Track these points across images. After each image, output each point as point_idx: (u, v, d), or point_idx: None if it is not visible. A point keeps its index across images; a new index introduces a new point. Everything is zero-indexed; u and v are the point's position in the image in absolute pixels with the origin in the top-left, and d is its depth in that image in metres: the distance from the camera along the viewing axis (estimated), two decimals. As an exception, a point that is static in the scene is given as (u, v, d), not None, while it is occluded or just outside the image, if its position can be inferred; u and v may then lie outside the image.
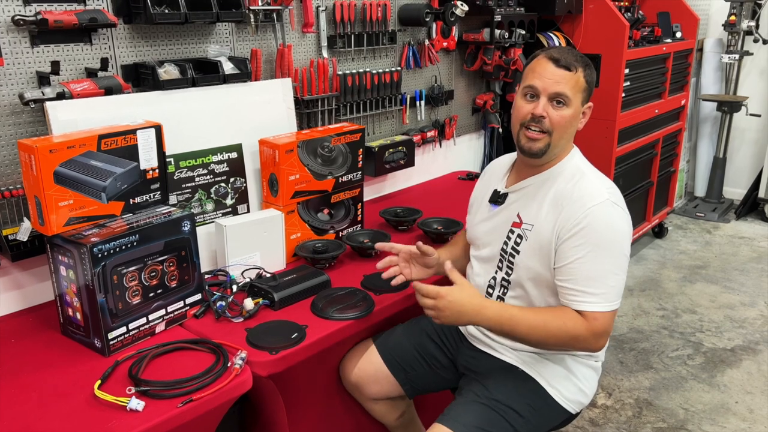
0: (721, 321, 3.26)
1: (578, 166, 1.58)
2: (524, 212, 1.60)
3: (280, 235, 1.99)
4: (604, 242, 1.46)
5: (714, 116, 4.94)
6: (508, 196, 1.66)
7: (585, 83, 1.52)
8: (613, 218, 1.48)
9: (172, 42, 1.97)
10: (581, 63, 1.52)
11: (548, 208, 1.54)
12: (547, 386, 1.61)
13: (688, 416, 2.51)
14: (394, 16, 2.66)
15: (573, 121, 1.54)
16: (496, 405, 1.56)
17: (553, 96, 1.50)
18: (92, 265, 1.43)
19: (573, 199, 1.49)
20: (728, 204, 4.94)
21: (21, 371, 1.45)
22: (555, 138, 1.53)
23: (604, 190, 1.51)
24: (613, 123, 3.36)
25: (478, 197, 1.80)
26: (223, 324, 1.66)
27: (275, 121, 2.14)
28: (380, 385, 1.79)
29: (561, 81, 1.49)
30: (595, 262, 1.45)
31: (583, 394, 1.65)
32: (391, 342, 1.82)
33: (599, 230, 1.45)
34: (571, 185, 1.53)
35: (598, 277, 1.45)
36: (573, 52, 1.53)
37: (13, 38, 1.64)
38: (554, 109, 1.51)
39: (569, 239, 1.47)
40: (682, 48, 3.92)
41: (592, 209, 1.46)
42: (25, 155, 1.46)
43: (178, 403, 1.32)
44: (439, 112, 3.02)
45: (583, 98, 1.54)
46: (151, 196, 1.69)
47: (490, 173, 1.81)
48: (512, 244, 1.60)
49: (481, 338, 1.70)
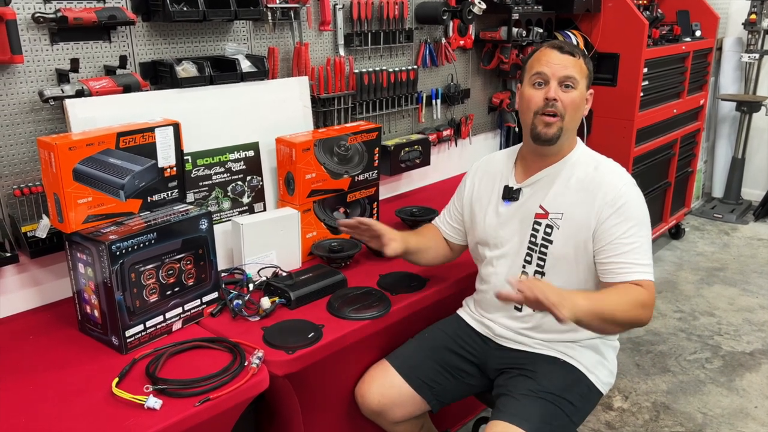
0: (740, 324, 3.21)
1: (590, 154, 1.68)
2: (546, 203, 1.63)
3: (296, 233, 1.98)
4: (640, 217, 1.55)
5: (732, 116, 4.87)
6: (522, 191, 1.66)
7: (587, 69, 1.61)
8: (641, 196, 1.59)
9: (190, 40, 1.96)
10: (580, 52, 1.62)
11: (576, 195, 1.59)
12: (588, 373, 1.65)
13: (707, 420, 2.48)
14: (411, 14, 2.64)
15: (581, 105, 1.60)
16: (552, 397, 1.57)
17: (563, 79, 1.56)
18: (110, 262, 1.43)
19: (603, 182, 1.57)
20: (746, 205, 4.88)
21: (39, 368, 1.46)
22: (567, 121, 1.58)
23: (624, 173, 1.62)
24: (631, 123, 3.32)
25: (478, 197, 1.77)
26: (240, 323, 1.65)
27: (292, 120, 2.13)
28: (405, 408, 1.73)
29: (568, 65, 1.57)
30: (638, 235, 1.53)
31: (611, 375, 1.73)
32: (409, 360, 1.75)
33: (635, 206, 1.55)
34: (593, 171, 1.61)
35: (640, 249, 1.53)
36: (568, 43, 1.66)
37: (33, 36, 1.64)
38: (564, 92, 1.57)
39: (609, 218, 1.54)
40: (701, 47, 3.87)
41: (624, 188, 1.56)
42: (44, 152, 1.46)
43: (195, 402, 1.31)
44: (455, 111, 3.00)
45: (587, 84, 1.61)
46: (168, 194, 1.69)
47: (487, 172, 1.78)
48: (542, 235, 1.62)
49: (511, 336, 1.70)
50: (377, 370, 1.76)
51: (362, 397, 1.75)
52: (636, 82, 3.25)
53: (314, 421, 1.77)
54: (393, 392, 1.72)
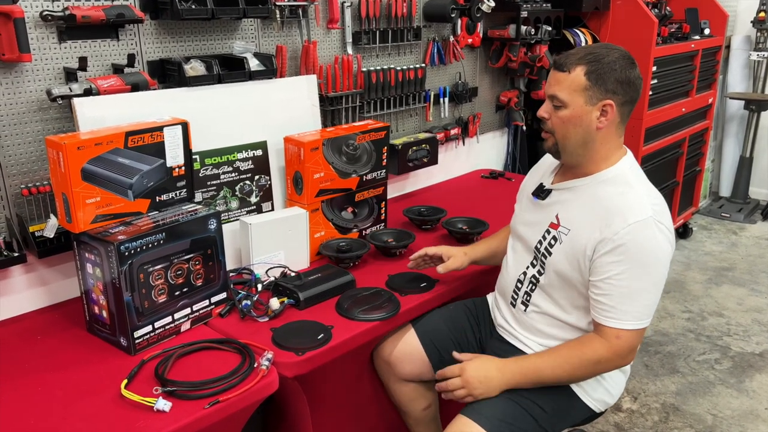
0: (749, 324, 3.19)
1: (626, 176, 1.52)
2: (563, 214, 1.58)
3: (305, 233, 1.97)
4: (644, 261, 1.43)
5: (741, 115, 4.84)
6: (551, 193, 1.64)
7: (586, 81, 1.46)
8: (655, 237, 1.43)
9: (198, 38, 1.95)
10: (585, 60, 1.47)
11: (587, 216, 1.51)
12: (573, 384, 1.60)
13: (716, 422, 2.46)
14: (419, 12, 2.62)
15: (575, 122, 1.49)
16: (521, 400, 1.54)
17: (551, 98, 1.52)
18: (119, 263, 1.42)
19: (615, 212, 1.45)
20: (754, 204, 4.85)
21: (47, 369, 1.44)
22: (558, 138, 1.53)
23: (648, 206, 1.45)
24: (639, 121, 3.30)
25: (525, 188, 1.79)
26: (249, 323, 1.64)
27: (300, 119, 2.12)
28: (413, 365, 1.78)
29: (554, 83, 1.51)
30: (632, 280, 1.43)
31: (609, 394, 1.65)
32: (429, 325, 1.81)
33: (639, 249, 1.42)
34: (615, 196, 1.49)
35: (632, 295, 1.44)
36: (584, 50, 1.49)
37: (41, 34, 1.63)
38: (555, 111, 1.52)
39: (607, 254, 1.44)
40: (710, 45, 3.84)
41: (634, 226, 1.42)
42: (53, 152, 1.45)
43: (204, 405, 1.30)
44: (462, 110, 2.98)
45: (588, 97, 1.47)
46: (177, 194, 1.67)
47: (541, 166, 1.78)
48: (546, 244, 1.59)
49: (510, 330, 1.70)
50: (400, 330, 1.81)
51: (379, 351, 1.82)
52: (645, 80, 3.22)
53: (323, 422, 1.76)
54: (406, 348, 1.78)
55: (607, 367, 1.52)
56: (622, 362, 1.50)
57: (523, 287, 1.66)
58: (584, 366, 1.50)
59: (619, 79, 1.46)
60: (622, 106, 1.49)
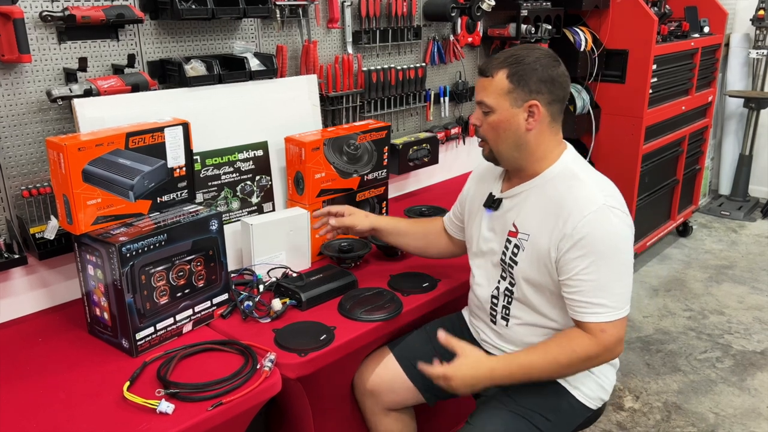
0: (750, 323, 3.19)
1: (571, 169, 1.51)
2: (519, 221, 1.55)
3: (306, 233, 1.96)
4: (606, 250, 1.41)
5: (740, 113, 4.84)
6: (502, 203, 1.61)
7: (509, 84, 1.45)
8: (612, 223, 1.42)
9: (198, 38, 1.94)
10: (506, 64, 1.46)
11: (543, 217, 1.49)
12: (568, 386, 1.59)
13: (719, 421, 2.46)
14: (419, 11, 2.62)
15: (504, 126, 1.49)
16: (522, 411, 1.53)
17: (479, 104, 1.52)
18: (120, 264, 1.41)
19: (568, 208, 1.44)
20: (754, 202, 4.85)
21: (48, 371, 1.44)
22: (491, 144, 1.53)
23: (599, 194, 1.45)
24: (640, 120, 3.30)
25: (472, 197, 1.75)
26: (251, 324, 1.63)
27: (300, 119, 2.11)
28: (397, 394, 1.74)
29: (480, 90, 1.51)
30: (599, 272, 1.41)
31: (603, 390, 1.64)
32: (408, 348, 1.76)
33: (599, 238, 1.41)
34: (564, 191, 1.47)
35: (603, 287, 1.42)
36: (503, 55, 1.48)
37: (41, 34, 1.62)
38: (484, 117, 1.52)
39: (569, 251, 1.43)
40: (710, 43, 3.84)
41: (589, 217, 1.41)
42: (53, 153, 1.44)
43: (207, 406, 1.29)
44: (463, 109, 2.98)
45: (513, 99, 1.46)
46: (178, 195, 1.67)
47: (485, 175, 1.74)
48: (510, 254, 1.57)
49: (494, 343, 1.67)
50: (376, 354, 1.78)
51: (359, 378, 1.77)
52: (645, 78, 3.23)
53: (325, 422, 1.75)
54: (387, 375, 1.73)
55: (597, 362, 1.48)
56: (611, 355, 1.46)
57: (500, 302, 1.62)
58: (574, 364, 1.46)
59: (541, 79, 1.45)
60: (549, 105, 1.48)
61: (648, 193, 3.61)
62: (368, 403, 1.78)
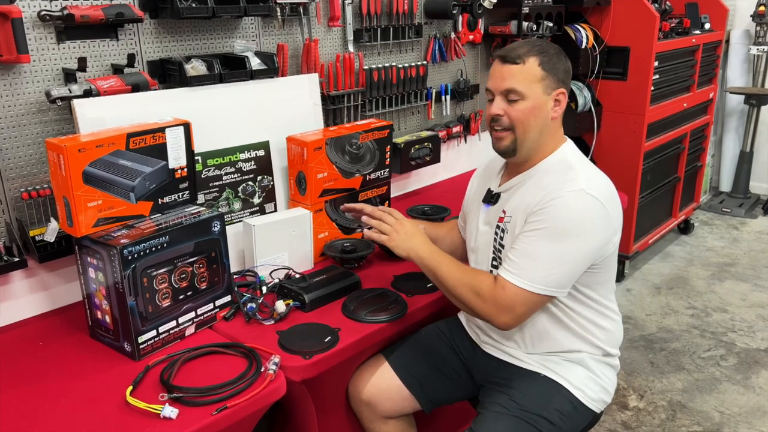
0: (753, 320, 3.18)
1: (566, 160, 1.53)
2: (508, 206, 1.56)
3: (309, 234, 1.94)
4: (560, 229, 1.41)
5: (740, 109, 4.83)
6: (500, 196, 1.61)
7: (542, 71, 1.47)
8: (581, 207, 1.41)
9: (198, 37, 1.92)
10: (535, 52, 1.47)
11: (527, 199, 1.50)
12: (572, 389, 1.57)
13: (724, 419, 2.44)
14: (420, 8, 2.59)
15: (536, 113, 1.48)
16: (527, 415, 1.51)
17: (505, 93, 1.48)
18: (122, 267, 1.39)
19: (549, 188, 1.45)
20: (755, 199, 4.84)
21: (50, 376, 1.42)
22: (519, 133, 1.49)
23: (584, 180, 1.45)
24: (642, 117, 3.28)
25: (472, 196, 1.75)
26: (254, 327, 1.61)
27: (302, 118, 2.09)
28: (393, 402, 1.70)
29: (508, 77, 1.47)
30: (542, 244, 1.41)
31: (606, 392, 1.62)
32: (403, 355, 1.74)
33: (559, 215, 1.41)
34: (559, 176, 1.48)
35: (534, 257, 1.42)
36: (528, 43, 1.50)
37: (39, 34, 1.60)
38: (510, 105, 1.48)
39: (531, 216, 1.45)
40: (711, 40, 3.83)
41: (561, 194, 1.42)
42: (53, 155, 1.42)
43: (212, 411, 1.27)
44: (464, 107, 2.96)
45: (545, 86, 1.47)
46: (179, 196, 1.65)
47: (484, 173, 1.75)
48: (498, 239, 1.57)
49: (496, 346, 1.65)
50: (371, 362, 1.75)
51: (354, 387, 1.73)
52: (647, 75, 3.22)
53: (329, 424, 1.73)
54: (383, 384, 1.70)
55: (480, 306, 1.46)
56: (494, 312, 1.44)
57: None
58: (467, 287, 1.46)
59: (565, 70, 1.51)
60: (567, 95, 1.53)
61: (650, 191, 3.60)
62: (365, 412, 1.75)
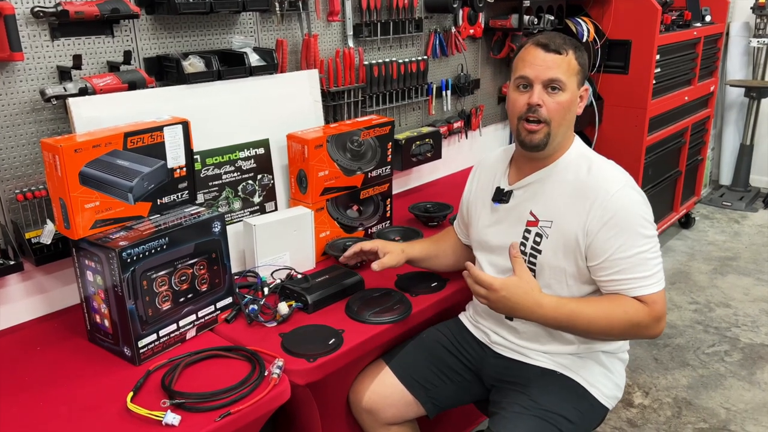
0: (757, 315, 3.16)
1: (584, 154, 1.54)
2: (537, 209, 1.52)
3: (310, 233, 1.91)
4: (636, 227, 1.42)
5: (740, 102, 4.81)
6: (513, 194, 1.57)
7: (578, 65, 1.47)
8: (638, 201, 1.44)
9: (196, 33, 1.88)
10: (571, 46, 1.47)
11: (568, 201, 1.48)
12: (588, 386, 1.55)
13: (730, 416, 2.42)
14: (420, 2, 2.55)
15: (571, 107, 1.48)
16: (546, 414, 1.48)
17: (547, 83, 1.44)
18: (121, 270, 1.36)
19: (593, 189, 1.44)
20: (755, 192, 4.82)
21: (48, 382, 1.38)
22: (554, 126, 1.46)
23: (619, 174, 1.48)
24: (643, 111, 3.25)
25: (475, 198, 1.70)
26: (256, 329, 1.58)
27: (302, 115, 2.05)
28: (396, 408, 1.66)
29: (553, 66, 1.43)
30: (635, 247, 1.41)
31: (618, 388, 1.62)
32: (404, 359, 1.69)
33: (628, 216, 1.42)
34: (584, 174, 1.48)
35: (642, 262, 1.41)
36: (561, 36, 1.48)
37: (33, 31, 1.56)
38: (550, 96, 1.45)
39: (600, 231, 1.42)
40: (712, 32, 3.79)
41: (616, 195, 1.42)
42: (48, 155, 1.39)
43: (215, 417, 1.24)
44: (465, 102, 2.92)
45: (578, 81, 1.48)
46: (178, 196, 1.61)
47: (483, 171, 1.71)
48: (531, 243, 1.53)
49: (509, 346, 1.62)
50: (371, 368, 1.71)
51: (354, 394, 1.69)
52: (648, 69, 3.18)
53: (334, 428, 1.70)
54: (385, 390, 1.66)
55: (644, 333, 1.43)
56: (657, 329, 1.43)
57: None
58: (623, 325, 1.41)
59: (587, 66, 1.53)
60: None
61: (651, 185, 3.57)
62: (366, 420, 1.70)
